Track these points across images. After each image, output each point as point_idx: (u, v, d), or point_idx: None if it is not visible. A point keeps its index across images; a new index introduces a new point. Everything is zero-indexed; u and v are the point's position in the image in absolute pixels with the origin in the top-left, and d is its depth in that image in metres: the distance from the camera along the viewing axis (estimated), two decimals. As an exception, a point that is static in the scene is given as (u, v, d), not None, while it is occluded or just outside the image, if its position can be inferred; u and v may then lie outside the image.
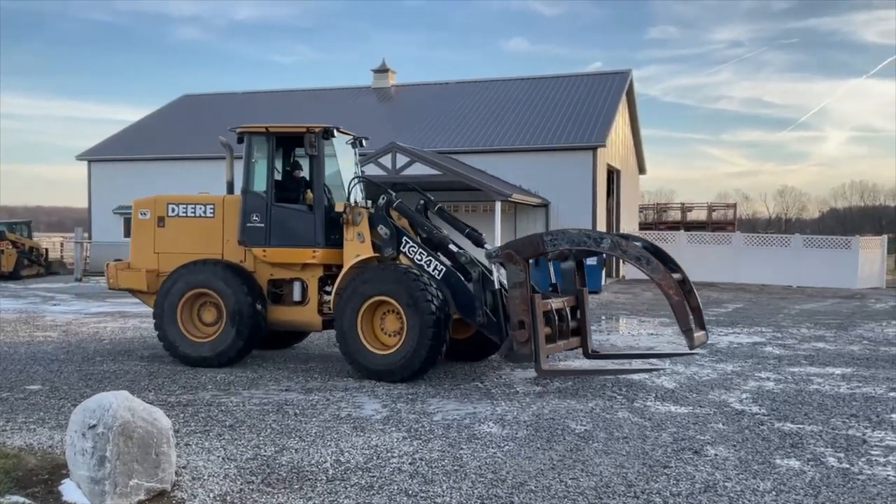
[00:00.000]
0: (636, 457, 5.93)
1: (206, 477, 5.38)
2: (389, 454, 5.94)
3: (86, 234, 30.64)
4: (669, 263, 8.58)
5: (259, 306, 9.48)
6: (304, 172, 10.02)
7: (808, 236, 30.21)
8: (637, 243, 8.56)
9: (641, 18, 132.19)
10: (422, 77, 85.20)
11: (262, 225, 9.54)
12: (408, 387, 8.49)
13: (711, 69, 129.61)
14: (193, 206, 10.13)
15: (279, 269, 9.74)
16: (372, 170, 22.47)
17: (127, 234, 31.65)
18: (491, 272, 8.94)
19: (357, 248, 9.36)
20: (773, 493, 5.14)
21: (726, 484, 5.30)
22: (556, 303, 8.83)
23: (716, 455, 6.00)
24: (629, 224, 33.78)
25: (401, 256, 9.36)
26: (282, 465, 5.67)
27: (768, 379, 9.19)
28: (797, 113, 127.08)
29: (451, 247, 9.35)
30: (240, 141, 9.90)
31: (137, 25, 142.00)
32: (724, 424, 6.96)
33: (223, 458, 5.80)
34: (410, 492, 5.11)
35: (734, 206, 47.56)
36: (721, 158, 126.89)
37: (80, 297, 19.73)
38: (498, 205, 22.63)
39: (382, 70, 35.07)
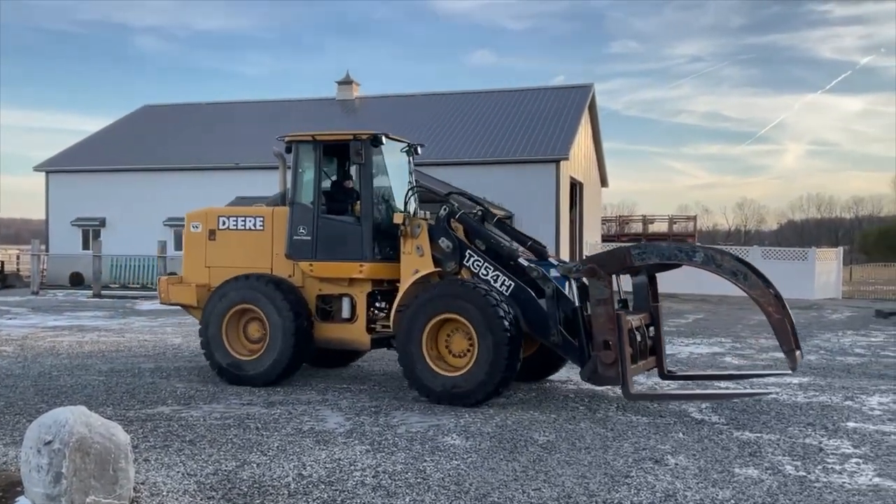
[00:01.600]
0: (598, 467, 5.98)
1: (165, 493, 5.30)
2: (352, 467, 5.91)
3: (43, 247, 30.04)
4: (761, 279, 7.81)
5: (304, 323, 9.03)
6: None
7: (766, 248, 30.84)
8: (728, 256, 7.91)
9: (604, 34, 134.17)
10: (387, 89, 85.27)
11: (309, 238, 9.11)
12: (371, 399, 8.46)
13: (672, 84, 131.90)
14: (243, 218, 9.74)
15: (327, 285, 9.29)
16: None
17: (86, 245, 31.20)
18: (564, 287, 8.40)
19: (415, 262, 8.84)
20: (732, 501, 5.22)
21: (686, 493, 5.37)
22: (633, 320, 8.19)
23: (676, 464, 6.07)
24: (592, 236, 34.11)
25: (462, 271, 8.78)
26: (243, 479, 5.61)
27: (727, 388, 9.31)
28: (756, 127, 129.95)
29: (521, 260, 8.69)
30: (288, 150, 9.53)
31: (98, 35, 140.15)
32: (684, 434, 7.05)
33: (183, 474, 5.72)
34: (373, 505, 5.09)
35: (694, 218, 48.33)
36: (682, 171, 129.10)
37: (37, 311, 19.31)
38: (462, 217, 22.68)
39: (346, 82, 35.09)
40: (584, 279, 8.16)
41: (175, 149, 31.89)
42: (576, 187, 31.06)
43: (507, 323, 7.98)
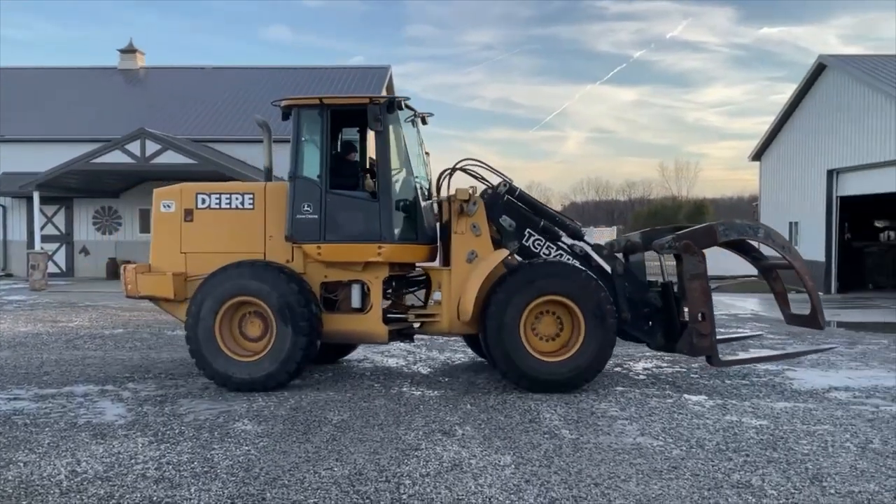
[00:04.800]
0: (390, 442, 6.11)
1: (-90, 503, 4.75)
2: (133, 461, 5.60)
3: None
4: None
5: (316, 317, 8.04)
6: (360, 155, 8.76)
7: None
8: (780, 234, 8.82)
9: (400, 16, 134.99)
10: (177, 61, 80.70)
11: (316, 216, 8.08)
12: (157, 387, 8.07)
13: (466, 69, 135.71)
14: (228, 195, 8.56)
15: (335, 270, 8.34)
16: (118, 157, 20.99)
17: None
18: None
19: (471, 242, 8.27)
20: (513, 466, 5.54)
21: (471, 461, 5.63)
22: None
23: (463, 434, 6.34)
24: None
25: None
26: (8, 480, 5.15)
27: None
28: (542, 114, 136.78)
29: (588, 238, 8.69)
30: (285, 117, 8.51)
31: None
32: (472, 405, 7.37)
33: (-66, 480, 5.15)
34: (155, 498, 4.86)
35: (487, 198, 50.37)
36: (476, 155, 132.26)
37: None
38: (257, 196, 22.07)
39: (130, 50, 32.75)
40: (681, 254, 8.34)
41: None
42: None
43: (611, 299, 7.93)
